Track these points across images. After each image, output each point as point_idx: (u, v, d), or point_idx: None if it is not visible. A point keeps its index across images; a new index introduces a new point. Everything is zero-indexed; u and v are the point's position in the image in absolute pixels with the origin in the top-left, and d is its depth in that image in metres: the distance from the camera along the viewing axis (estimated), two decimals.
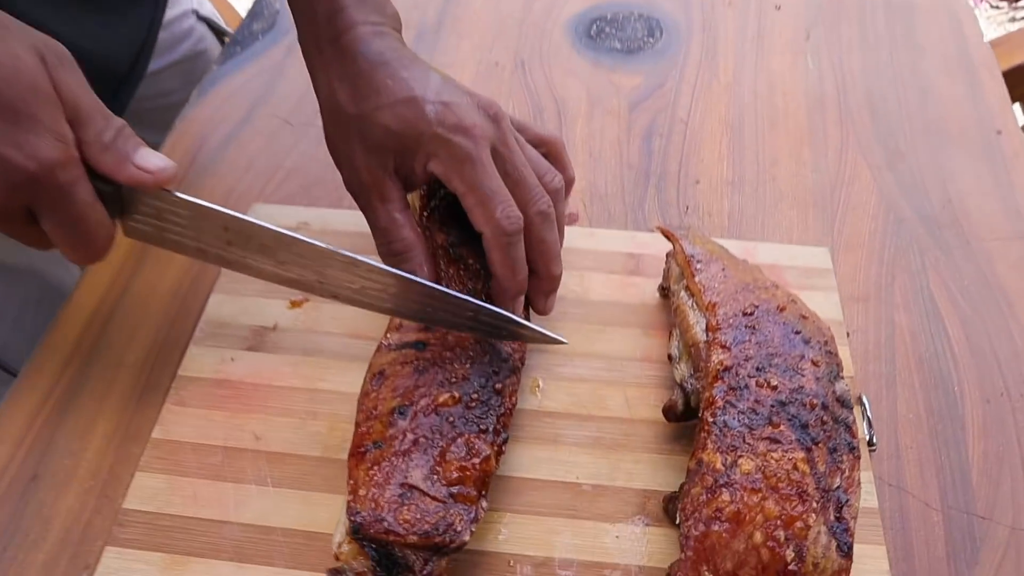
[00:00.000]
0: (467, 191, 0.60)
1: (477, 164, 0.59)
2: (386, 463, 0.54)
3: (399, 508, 0.51)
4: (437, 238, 0.66)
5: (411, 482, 0.53)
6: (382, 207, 0.62)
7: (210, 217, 0.56)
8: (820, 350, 0.57)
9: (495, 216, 0.59)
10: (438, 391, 0.57)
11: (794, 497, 0.49)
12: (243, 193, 0.83)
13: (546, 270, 0.64)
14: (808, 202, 0.84)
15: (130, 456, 0.64)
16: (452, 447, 0.54)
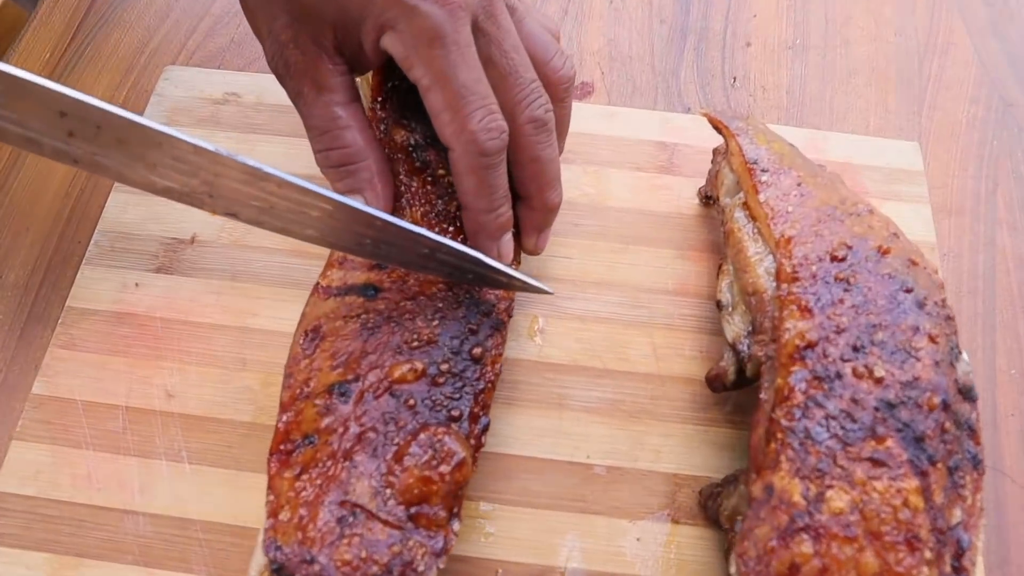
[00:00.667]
0: (432, 84, 0.41)
1: (450, 46, 0.41)
2: (319, 469, 0.39)
3: (337, 542, 0.37)
4: (395, 135, 0.47)
5: (354, 500, 0.38)
6: (317, 99, 0.44)
7: (38, 97, 0.37)
8: (938, 316, 0.41)
9: (468, 126, 0.41)
10: (393, 360, 0.41)
11: (901, 546, 0.35)
12: (156, 51, 0.63)
13: (540, 199, 0.47)
14: (889, 76, 0.65)
15: (9, 413, 0.49)
16: (412, 446, 0.39)
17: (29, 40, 0.64)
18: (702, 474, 0.48)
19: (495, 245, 0.45)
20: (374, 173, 0.45)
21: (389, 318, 0.43)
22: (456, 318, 0.43)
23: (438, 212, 0.46)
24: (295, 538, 0.37)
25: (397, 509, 0.38)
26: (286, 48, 0.43)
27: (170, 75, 0.61)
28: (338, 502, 0.38)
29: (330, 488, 0.38)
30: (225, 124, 0.58)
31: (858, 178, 0.58)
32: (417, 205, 0.46)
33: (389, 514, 0.38)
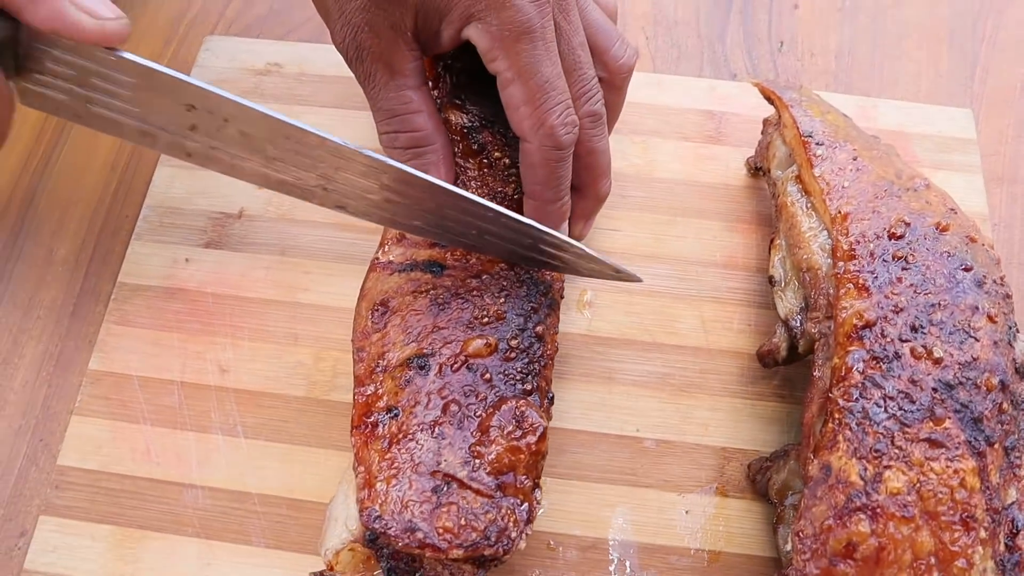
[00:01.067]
0: (516, 77, 0.42)
1: (537, 41, 0.41)
2: (406, 441, 0.40)
3: (436, 510, 0.38)
4: (450, 116, 0.47)
5: (446, 470, 0.39)
6: (389, 82, 0.44)
7: (170, 89, 0.38)
8: (996, 295, 0.40)
9: (548, 120, 0.42)
10: (466, 335, 0.42)
11: (957, 525, 0.35)
12: (195, 20, 0.63)
13: (593, 188, 0.48)
14: (941, 38, 0.63)
15: (66, 388, 0.50)
16: (495, 418, 0.40)
17: None
18: (750, 448, 0.48)
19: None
20: (441, 157, 0.45)
21: (457, 294, 0.43)
22: (519, 296, 0.43)
23: (494, 194, 0.46)
24: (393, 508, 0.38)
25: (487, 479, 0.39)
26: (360, 31, 0.43)
27: (211, 45, 0.60)
28: (430, 472, 0.38)
29: (421, 459, 0.39)
30: (268, 96, 0.58)
31: (909, 147, 0.57)
32: (473, 187, 0.46)
33: (480, 483, 0.38)
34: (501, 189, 0.46)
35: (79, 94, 0.39)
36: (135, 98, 0.38)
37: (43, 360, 0.51)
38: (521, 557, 0.45)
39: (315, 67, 0.59)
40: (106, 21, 0.37)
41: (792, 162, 0.48)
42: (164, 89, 0.38)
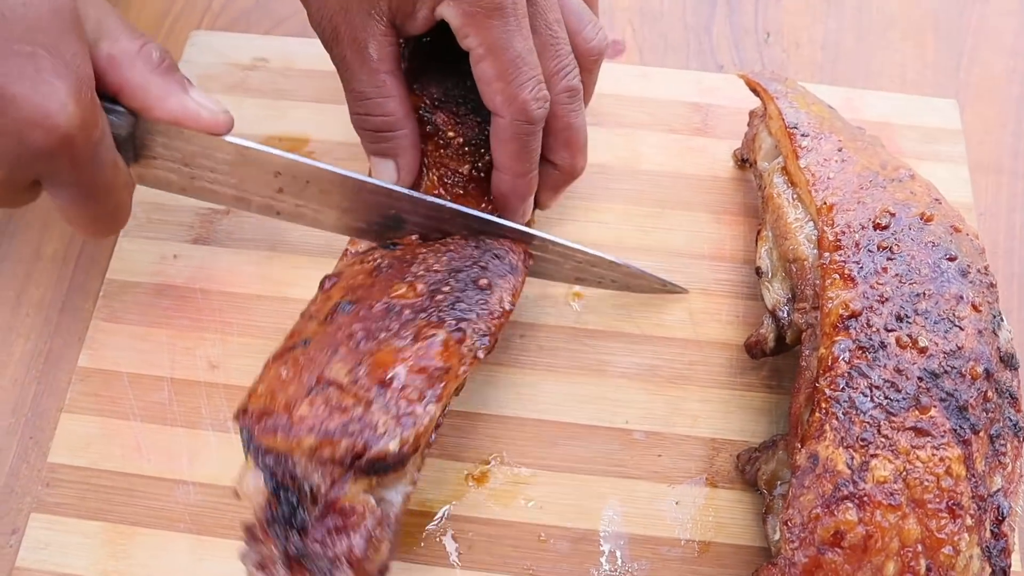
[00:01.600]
0: (488, 53, 0.42)
1: (509, 17, 0.42)
2: (305, 359, 0.39)
3: (299, 402, 0.36)
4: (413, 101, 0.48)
5: (328, 376, 0.37)
6: (364, 66, 0.44)
7: (260, 162, 0.44)
8: (980, 284, 0.41)
9: (521, 95, 0.43)
10: (398, 283, 0.42)
11: (943, 512, 0.36)
12: (181, 14, 0.63)
13: (569, 163, 0.48)
14: (927, 28, 0.64)
15: (56, 385, 0.50)
16: (394, 339, 0.39)
17: None
18: (739, 439, 0.48)
19: (523, 205, 0.47)
20: (409, 143, 0.46)
21: (403, 260, 0.43)
22: (465, 257, 0.44)
23: (452, 173, 0.47)
24: (262, 402, 0.37)
25: (367, 384, 0.37)
26: (336, 14, 0.43)
27: (196, 40, 0.60)
28: (314, 381, 0.37)
29: (308, 368, 0.38)
30: (254, 91, 0.58)
31: (895, 138, 0.57)
32: (433, 169, 0.47)
33: (359, 388, 0.37)
34: (456, 168, 0.47)
35: (185, 172, 0.44)
36: (231, 171, 0.44)
37: (32, 358, 0.51)
38: (512, 549, 0.45)
39: (301, 62, 0.59)
40: (218, 114, 0.42)
41: (778, 153, 0.48)
42: (255, 161, 0.44)
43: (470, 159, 0.48)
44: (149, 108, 0.41)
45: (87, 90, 0.37)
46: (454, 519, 0.46)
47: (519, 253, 0.46)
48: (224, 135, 0.43)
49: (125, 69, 0.40)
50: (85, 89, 0.37)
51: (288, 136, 0.57)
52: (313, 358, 0.39)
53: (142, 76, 0.40)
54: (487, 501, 0.46)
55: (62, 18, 0.37)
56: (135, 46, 0.40)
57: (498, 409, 0.49)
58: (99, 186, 0.40)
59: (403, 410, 0.36)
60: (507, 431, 0.48)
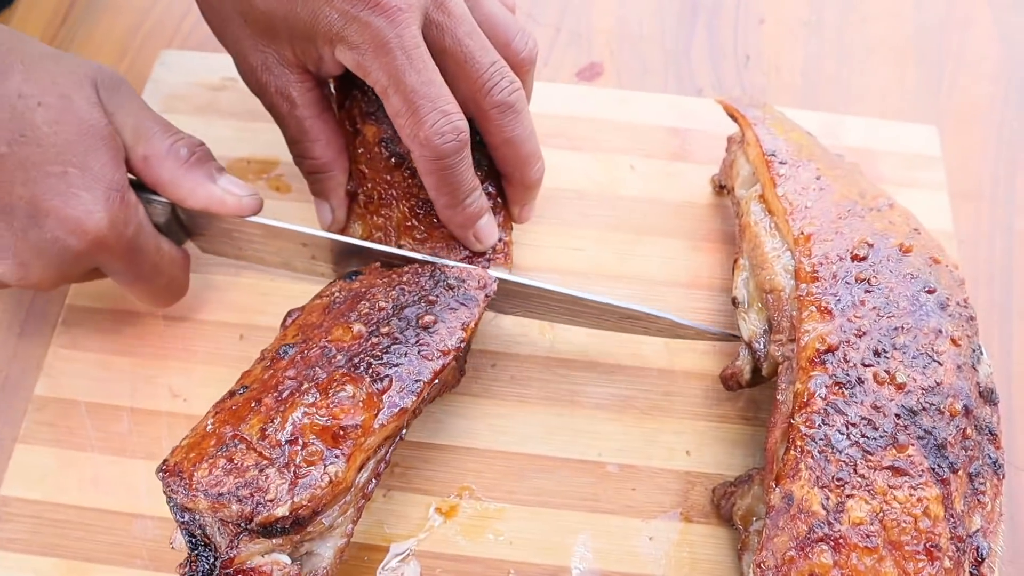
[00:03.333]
0: (385, 90, 0.42)
1: (395, 51, 0.41)
2: (231, 410, 0.39)
3: (203, 463, 0.37)
4: (366, 131, 0.48)
5: (242, 431, 0.38)
6: (289, 113, 0.46)
7: (284, 236, 0.47)
8: (960, 317, 0.40)
9: (422, 131, 0.42)
10: (339, 325, 0.42)
11: (921, 555, 0.34)
12: (150, 33, 0.61)
13: (518, 177, 0.47)
14: (907, 54, 0.63)
15: (11, 413, 0.49)
16: (311, 392, 0.39)
17: (18, 23, 0.62)
18: (715, 472, 0.47)
19: (469, 233, 0.46)
20: (338, 184, 0.48)
21: (355, 294, 0.43)
22: (415, 290, 0.43)
23: (420, 202, 0.47)
24: (177, 457, 0.38)
25: (274, 442, 0.37)
26: (256, 71, 0.45)
27: (166, 60, 0.59)
28: (229, 435, 0.38)
29: (229, 423, 0.38)
30: (224, 111, 0.57)
31: (875, 164, 0.56)
32: (403, 200, 0.47)
33: (265, 446, 0.37)
34: (427, 197, 0.46)
35: (232, 243, 0.49)
36: (268, 243, 0.48)
37: None
38: None
39: None
40: (243, 198, 0.45)
41: (756, 181, 0.48)
42: (284, 236, 0.47)
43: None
44: (182, 199, 0.44)
45: (115, 195, 0.41)
46: (421, 554, 0.44)
47: (475, 280, 0.44)
48: (251, 216, 0.46)
49: (156, 167, 0.44)
50: (114, 195, 0.41)
51: (257, 158, 0.55)
52: (239, 410, 0.39)
53: (171, 172, 0.44)
54: (455, 535, 0.45)
55: (91, 135, 0.41)
56: (165, 146, 0.44)
57: (468, 441, 0.47)
58: (145, 269, 0.45)
59: (300, 473, 0.36)
60: (477, 463, 0.47)
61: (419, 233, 0.47)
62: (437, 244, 0.47)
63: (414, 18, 0.41)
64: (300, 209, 0.54)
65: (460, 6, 0.43)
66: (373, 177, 0.47)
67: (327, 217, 0.49)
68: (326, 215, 0.49)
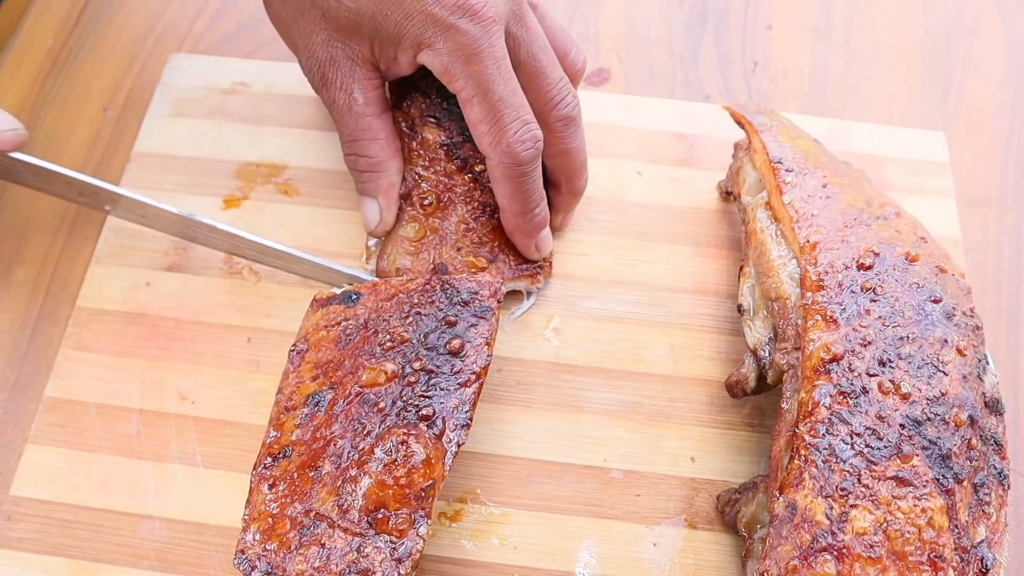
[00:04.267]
0: (471, 97, 0.44)
1: (487, 60, 0.43)
2: (287, 481, 0.39)
3: (294, 552, 0.37)
4: (427, 134, 0.48)
5: (317, 509, 0.38)
6: (350, 110, 0.47)
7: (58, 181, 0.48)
8: (965, 327, 0.40)
9: (504, 138, 0.44)
10: (366, 364, 0.41)
11: (925, 566, 0.35)
12: (161, 37, 0.62)
13: (568, 186, 0.50)
14: (915, 59, 0.63)
15: (21, 414, 0.49)
16: (376, 450, 0.39)
17: (31, 27, 0.62)
18: (719, 478, 0.47)
19: (532, 243, 0.49)
20: (391, 184, 0.49)
21: (366, 323, 0.43)
22: (431, 312, 0.43)
23: (483, 206, 0.48)
24: (258, 549, 0.37)
25: (357, 516, 0.37)
26: (323, 64, 0.46)
27: (176, 63, 0.59)
28: (302, 512, 0.38)
29: (295, 498, 0.38)
30: (234, 116, 0.57)
31: (882, 171, 0.56)
32: (463, 204, 0.48)
33: (349, 521, 0.37)
34: (487, 200, 0.48)
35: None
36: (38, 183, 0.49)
37: None
38: None
39: (281, 86, 0.58)
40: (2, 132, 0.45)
41: (762, 188, 0.48)
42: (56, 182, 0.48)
43: None
44: None
45: None
46: (426, 558, 0.45)
47: (488, 288, 0.45)
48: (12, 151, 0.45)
49: None
50: None
51: (266, 162, 0.56)
52: (299, 483, 0.39)
53: None
54: (460, 540, 0.45)
55: None
56: None
57: (473, 446, 0.47)
58: None
59: (397, 546, 0.37)
60: (482, 468, 0.47)
61: (476, 237, 0.49)
62: (494, 249, 0.49)
63: (502, 30, 0.43)
64: (308, 212, 0.54)
65: (535, 22, 0.46)
66: (432, 180, 0.49)
67: (375, 216, 0.49)
68: (374, 214, 0.49)
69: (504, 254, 0.49)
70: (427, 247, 0.49)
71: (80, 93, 0.60)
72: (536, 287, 0.50)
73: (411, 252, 0.49)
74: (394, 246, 0.49)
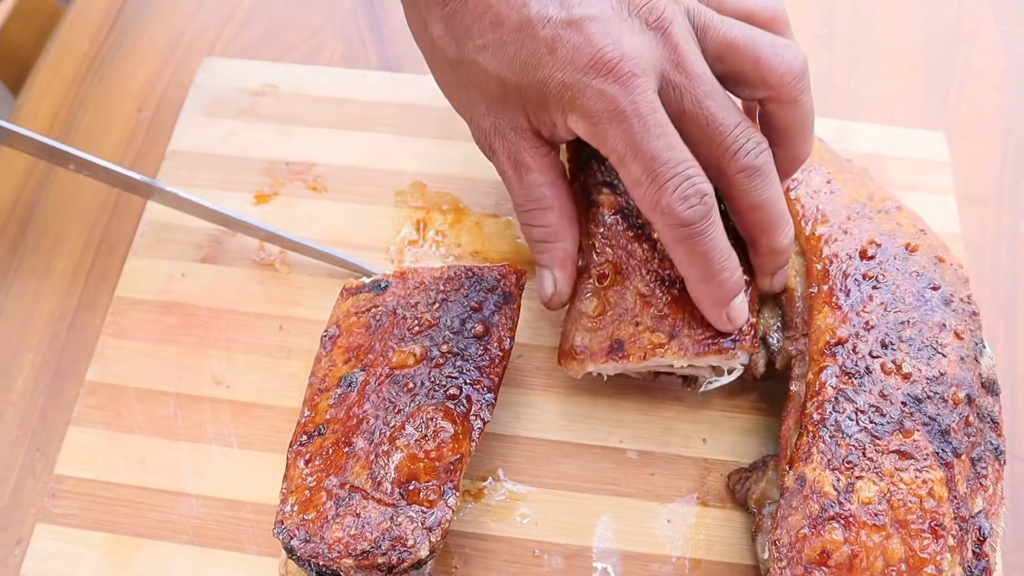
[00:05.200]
0: (621, 159, 0.40)
1: (631, 119, 0.38)
2: (323, 456, 0.42)
3: (331, 521, 0.39)
4: (603, 200, 0.46)
5: (352, 482, 0.40)
6: (521, 180, 0.44)
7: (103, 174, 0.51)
8: (963, 313, 0.42)
9: (663, 199, 0.39)
10: (396, 347, 0.44)
11: (926, 533, 0.37)
12: (192, 41, 0.65)
13: (766, 244, 0.43)
14: (916, 63, 0.66)
15: (63, 399, 0.51)
16: (406, 427, 0.41)
17: (67, 32, 0.65)
18: (730, 459, 0.49)
19: (722, 313, 0.43)
20: (567, 255, 0.45)
21: (395, 309, 0.45)
22: (457, 299, 0.45)
23: (660, 275, 0.45)
24: (296, 521, 0.40)
25: (390, 488, 0.40)
26: (488, 135, 0.44)
27: (208, 66, 0.62)
28: (337, 485, 0.40)
29: (330, 472, 0.41)
30: (264, 116, 0.60)
31: (885, 169, 0.59)
32: (641, 274, 0.45)
33: (382, 493, 0.40)
34: (668, 268, 0.45)
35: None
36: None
37: (40, 371, 0.52)
38: (507, 564, 0.46)
39: (309, 88, 0.61)
40: None
41: None
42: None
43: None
44: None
45: None
46: (451, 534, 0.47)
47: (511, 276, 0.47)
48: None
49: None
50: None
51: (294, 160, 0.58)
52: (333, 457, 0.41)
53: None
54: (483, 517, 0.48)
55: None
56: None
57: (496, 427, 0.50)
58: None
59: (428, 516, 0.39)
60: (504, 449, 0.49)
61: (656, 310, 0.45)
62: (676, 323, 0.44)
63: (649, 82, 0.39)
64: (336, 207, 0.56)
65: (699, 64, 0.40)
66: (609, 250, 0.46)
67: (549, 289, 0.46)
68: (548, 286, 0.46)
69: (690, 328, 0.44)
70: (604, 324, 0.45)
71: (115, 95, 0.62)
72: (732, 362, 0.45)
73: (589, 329, 0.45)
74: (573, 322, 0.47)
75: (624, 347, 0.44)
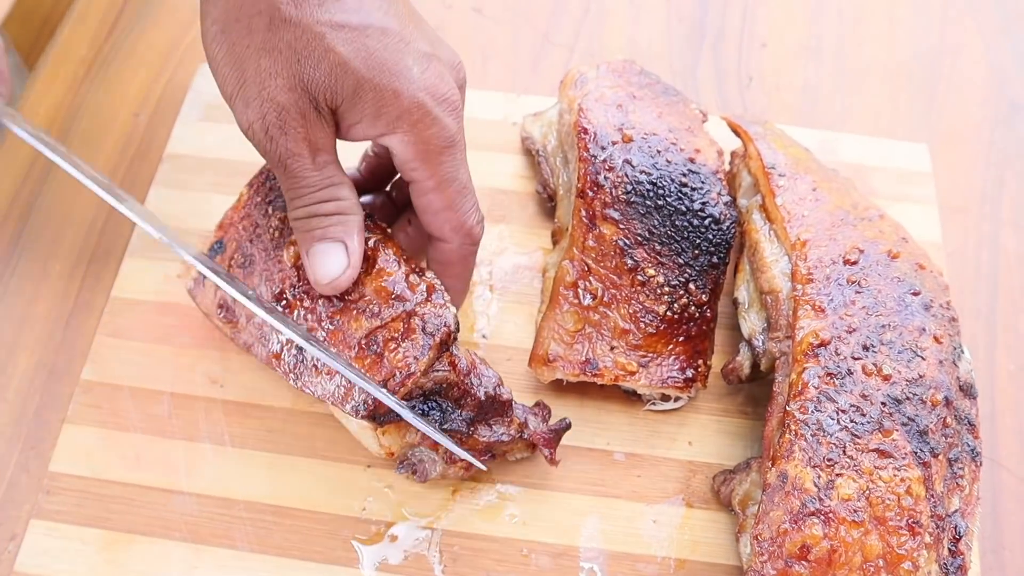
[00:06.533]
0: (436, 186, 0.44)
1: (457, 152, 0.44)
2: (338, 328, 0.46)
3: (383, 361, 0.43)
4: (606, 230, 0.49)
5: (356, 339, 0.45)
6: (314, 159, 0.43)
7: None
8: (942, 318, 0.43)
9: (468, 222, 0.46)
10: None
11: (903, 530, 0.38)
12: (190, 47, 0.66)
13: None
14: (901, 76, 0.67)
15: (58, 398, 0.52)
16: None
17: (67, 37, 0.66)
18: (715, 461, 0.50)
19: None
20: (358, 228, 0.45)
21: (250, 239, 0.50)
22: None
23: (644, 311, 0.48)
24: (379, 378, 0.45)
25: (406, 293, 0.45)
26: (284, 110, 0.41)
27: (206, 71, 0.63)
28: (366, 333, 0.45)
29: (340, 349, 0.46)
30: None
31: (869, 180, 0.60)
32: (625, 304, 0.49)
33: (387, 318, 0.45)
34: (651, 307, 0.48)
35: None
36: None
37: (36, 371, 0.53)
38: (495, 563, 0.47)
39: None
40: None
41: (757, 191, 0.51)
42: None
43: (666, 300, 0.48)
44: None
45: None
46: (440, 532, 0.48)
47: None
48: None
49: None
50: None
51: None
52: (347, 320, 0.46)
53: None
54: (472, 516, 0.48)
55: None
56: None
57: None
58: None
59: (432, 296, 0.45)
60: None
61: (634, 339, 0.49)
62: (650, 354, 0.49)
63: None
64: None
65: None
66: (600, 275, 0.49)
67: (342, 263, 0.45)
68: (340, 261, 0.45)
69: (656, 364, 0.49)
70: (582, 339, 0.49)
71: (113, 100, 0.63)
72: (686, 396, 0.50)
73: (567, 342, 0.49)
74: (550, 332, 0.49)
75: (598, 366, 0.49)
